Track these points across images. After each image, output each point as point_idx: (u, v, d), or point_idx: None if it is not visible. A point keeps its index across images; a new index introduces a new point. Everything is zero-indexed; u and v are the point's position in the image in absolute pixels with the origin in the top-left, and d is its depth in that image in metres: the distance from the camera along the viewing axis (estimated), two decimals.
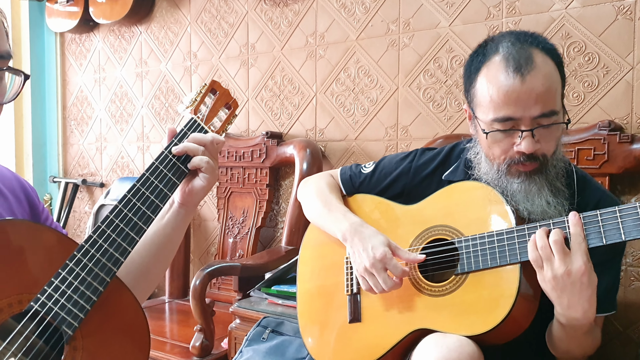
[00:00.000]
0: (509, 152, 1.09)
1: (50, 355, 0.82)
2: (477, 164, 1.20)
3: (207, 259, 2.58)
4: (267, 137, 2.25)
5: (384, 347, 1.15)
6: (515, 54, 1.06)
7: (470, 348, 0.99)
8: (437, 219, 1.19)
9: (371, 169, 1.38)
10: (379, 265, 1.13)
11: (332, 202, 1.33)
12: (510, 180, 1.11)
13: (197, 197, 1.02)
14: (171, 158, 0.98)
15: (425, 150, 1.36)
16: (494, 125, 1.08)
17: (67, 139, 3.21)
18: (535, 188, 1.09)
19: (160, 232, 1.02)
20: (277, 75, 2.31)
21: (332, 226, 1.28)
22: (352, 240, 1.21)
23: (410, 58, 1.96)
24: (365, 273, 1.16)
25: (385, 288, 1.13)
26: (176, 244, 1.06)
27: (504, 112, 1.06)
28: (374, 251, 1.14)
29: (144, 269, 1.01)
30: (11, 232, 0.82)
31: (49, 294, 0.81)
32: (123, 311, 0.87)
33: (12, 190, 0.97)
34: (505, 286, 1.04)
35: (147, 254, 1.01)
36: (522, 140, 1.06)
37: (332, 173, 1.45)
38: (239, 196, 2.39)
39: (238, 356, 1.60)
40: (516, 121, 1.06)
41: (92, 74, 3.05)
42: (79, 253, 0.84)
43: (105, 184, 3.00)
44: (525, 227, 1.04)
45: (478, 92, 1.11)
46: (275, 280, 1.84)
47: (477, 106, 1.12)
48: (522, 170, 1.09)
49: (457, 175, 1.25)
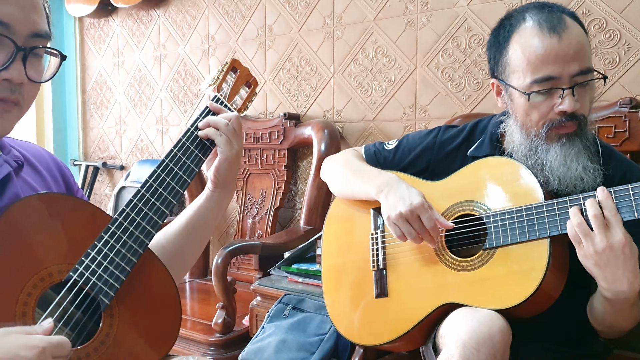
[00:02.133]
0: (549, 114, 1.10)
1: (87, 325, 0.86)
2: (510, 136, 1.20)
3: (226, 239, 2.62)
4: (284, 118, 2.27)
5: (412, 321, 1.17)
6: (546, 17, 1.08)
7: (500, 322, 1.00)
8: (464, 194, 1.20)
9: (395, 145, 1.39)
10: (415, 212, 1.15)
11: (363, 167, 1.34)
12: (548, 147, 1.12)
13: (223, 175, 1.04)
14: (196, 134, 1.01)
15: (448, 127, 1.37)
16: (533, 87, 1.09)
17: (87, 122, 3.26)
18: (574, 151, 1.10)
19: (195, 214, 1.05)
20: (294, 57, 2.32)
21: (364, 186, 1.28)
22: (387, 191, 1.21)
23: (428, 37, 1.96)
24: (399, 219, 1.16)
25: (420, 232, 1.15)
26: (212, 226, 1.08)
27: (543, 71, 1.07)
28: (412, 199, 1.15)
29: (179, 250, 1.04)
30: (51, 205, 0.85)
31: (86, 264, 0.84)
32: (155, 282, 0.90)
33: (48, 168, 1.00)
34: (535, 260, 1.05)
35: (184, 235, 1.04)
36: (564, 98, 1.07)
37: (357, 149, 1.46)
38: (257, 177, 2.41)
39: (260, 332, 1.63)
40: (555, 80, 1.07)
41: (111, 58, 3.08)
42: (113, 226, 0.87)
43: (125, 167, 3.05)
44: (555, 202, 1.05)
45: (512, 59, 1.12)
46: (295, 259, 1.87)
47: (511, 74, 1.13)
48: (563, 132, 1.10)
49: (483, 150, 1.25)
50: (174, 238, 1.02)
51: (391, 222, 1.19)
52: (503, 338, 0.99)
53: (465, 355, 0.97)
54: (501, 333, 1.00)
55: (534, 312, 1.09)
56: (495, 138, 1.26)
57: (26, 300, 0.79)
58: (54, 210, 0.86)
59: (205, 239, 1.09)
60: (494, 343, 0.98)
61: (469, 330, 1.00)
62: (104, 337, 0.83)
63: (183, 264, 1.06)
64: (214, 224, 1.08)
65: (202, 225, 1.05)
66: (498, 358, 0.98)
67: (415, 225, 1.15)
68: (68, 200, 0.89)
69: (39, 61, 0.84)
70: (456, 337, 1.00)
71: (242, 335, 1.84)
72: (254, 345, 1.58)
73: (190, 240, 1.05)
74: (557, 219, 1.04)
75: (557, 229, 1.04)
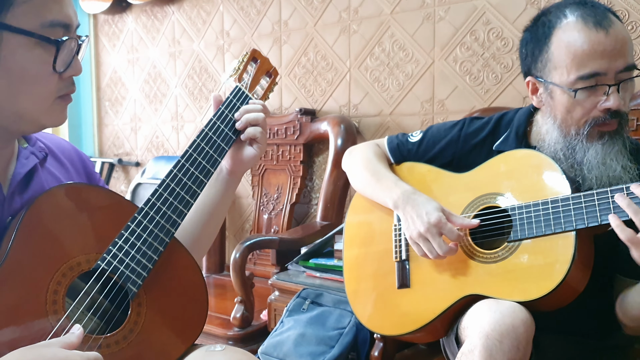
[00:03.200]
0: (592, 112, 1.08)
1: (115, 314, 0.86)
2: (542, 133, 1.19)
3: (242, 235, 2.62)
4: (300, 113, 2.27)
5: (434, 312, 1.16)
6: (590, 12, 1.07)
7: (523, 314, 0.99)
8: (489, 186, 1.19)
9: (419, 138, 1.38)
10: (434, 230, 1.14)
11: (381, 171, 1.33)
12: (588, 145, 1.10)
13: (247, 165, 1.06)
14: (219, 125, 1.01)
15: (473, 119, 1.35)
16: (577, 84, 1.07)
17: (102, 119, 3.27)
18: (615, 150, 1.08)
19: (209, 200, 1.06)
20: (310, 52, 2.32)
21: (382, 195, 1.29)
22: (404, 207, 1.21)
23: (446, 31, 1.95)
24: (419, 239, 1.17)
25: (441, 253, 1.14)
26: (224, 211, 1.10)
27: (589, 67, 1.06)
28: (429, 216, 1.15)
29: (195, 235, 1.04)
30: (78, 195, 0.86)
31: (114, 253, 0.84)
32: (182, 270, 0.90)
33: (71, 160, 1.01)
34: (560, 253, 1.04)
35: (198, 221, 1.05)
36: (609, 95, 1.05)
37: (378, 142, 1.44)
38: (273, 173, 2.41)
39: (279, 326, 1.63)
40: (601, 77, 1.06)
41: (126, 55, 3.09)
42: (139, 215, 0.88)
43: (140, 163, 3.06)
44: (582, 195, 1.04)
45: (554, 55, 1.10)
46: (312, 254, 1.87)
47: (552, 70, 1.11)
48: (605, 130, 1.09)
49: (509, 145, 1.24)
50: (189, 226, 1.03)
51: (412, 241, 1.20)
52: (526, 330, 0.98)
53: (488, 347, 0.96)
54: (524, 325, 0.99)
55: (558, 305, 1.08)
56: (522, 133, 1.24)
57: (56, 289, 0.80)
58: (81, 201, 0.86)
59: (219, 223, 1.10)
60: (517, 335, 0.97)
61: (491, 322, 0.99)
62: (133, 325, 0.83)
63: (199, 250, 1.06)
64: (226, 209, 1.10)
65: (217, 210, 1.06)
66: (521, 350, 0.97)
67: (435, 242, 1.14)
68: (95, 190, 0.89)
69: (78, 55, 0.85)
70: (479, 329, 1.00)
71: (260, 329, 1.84)
72: (273, 339, 1.57)
73: (205, 226, 1.06)
74: (583, 212, 1.03)
75: (583, 222, 1.03)
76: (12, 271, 0.77)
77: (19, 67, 0.77)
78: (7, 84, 0.78)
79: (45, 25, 0.78)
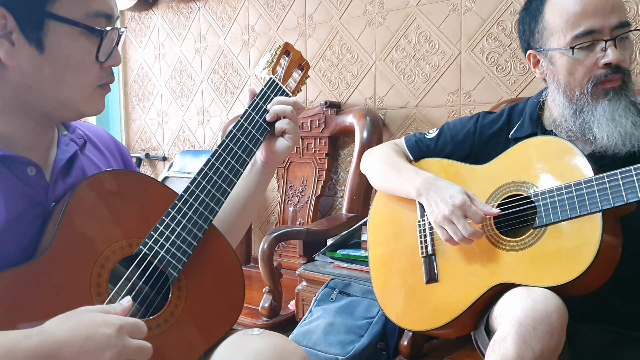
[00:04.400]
0: (593, 70, 1.11)
1: (155, 299, 0.89)
2: (551, 105, 1.21)
3: (267, 228, 2.65)
4: (325, 106, 2.28)
5: (464, 304, 1.16)
6: None
7: (556, 301, 0.99)
8: (511, 175, 1.19)
9: (436, 134, 1.39)
10: (459, 212, 1.15)
11: (401, 164, 1.34)
12: (595, 104, 1.12)
13: (280, 157, 1.08)
14: (254, 116, 1.03)
15: (486, 113, 1.38)
16: (574, 43, 1.11)
17: (129, 115, 3.33)
18: (622, 106, 1.10)
19: (244, 190, 1.08)
20: (335, 45, 2.33)
21: (404, 185, 1.29)
22: (427, 193, 1.22)
23: (472, 22, 1.94)
24: (444, 222, 1.17)
25: (466, 234, 1.14)
26: (258, 201, 1.12)
27: (583, 25, 1.09)
28: (453, 199, 1.16)
29: (229, 224, 1.07)
30: (120, 181, 0.88)
31: (155, 238, 0.87)
32: (219, 256, 0.92)
33: (108, 147, 1.04)
34: (587, 234, 1.03)
35: (233, 210, 1.08)
36: (607, 51, 1.08)
37: (396, 142, 1.46)
38: (298, 166, 2.43)
39: (308, 315, 1.65)
40: (596, 34, 1.09)
41: (152, 51, 3.14)
42: (179, 202, 0.90)
43: (167, 158, 3.11)
44: (605, 175, 1.03)
45: (549, 22, 1.14)
46: (339, 245, 1.89)
47: (549, 37, 1.15)
48: (609, 87, 1.11)
49: (524, 130, 1.25)
50: (224, 216, 1.05)
51: (437, 225, 1.20)
52: (560, 316, 0.98)
53: (521, 334, 0.96)
54: (557, 311, 0.98)
55: (589, 290, 1.07)
56: (536, 117, 1.26)
57: (100, 272, 0.82)
58: (122, 186, 0.89)
59: (253, 212, 1.13)
60: (550, 321, 0.97)
61: (524, 309, 0.99)
62: (174, 308, 0.86)
63: (233, 238, 1.09)
64: (260, 199, 1.13)
65: (251, 200, 1.09)
66: (555, 336, 0.97)
67: (461, 224, 1.15)
68: (135, 176, 0.92)
69: (117, 45, 0.88)
70: (512, 316, 0.99)
71: (288, 319, 1.86)
72: (303, 328, 1.59)
73: (240, 215, 1.09)
74: (608, 192, 1.02)
75: (608, 202, 1.02)
76: (59, 254, 0.80)
77: (64, 56, 0.80)
78: (52, 72, 0.80)
79: (90, 15, 0.80)
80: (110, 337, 0.69)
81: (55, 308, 0.77)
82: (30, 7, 0.77)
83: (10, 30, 0.78)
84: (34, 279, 0.77)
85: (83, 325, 0.70)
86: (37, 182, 0.84)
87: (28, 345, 0.66)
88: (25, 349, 0.65)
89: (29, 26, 0.78)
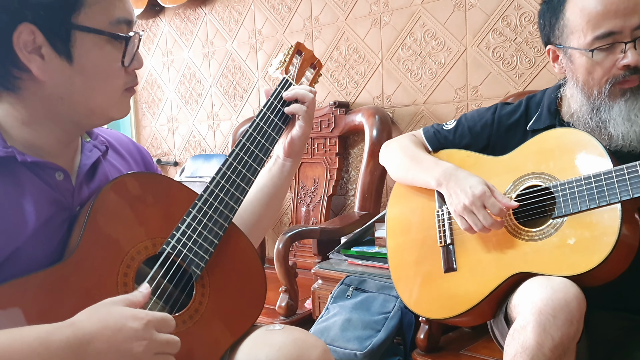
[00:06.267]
0: (612, 70, 1.11)
1: (180, 298, 0.91)
2: (569, 100, 1.22)
3: (280, 228, 2.67)
4: (334, 106, 2.30)
5: (483, 293, 1.18)
6: None
7: (574, 289, 1.00)
8: (530, 166, 1.21)
9: (454, 125, 1.41)
10: (479, 202, 1.16)
11: (420, 155, 1.36)
12: (611, 104, 1.13)
13: (297, 147, 1.10)
14: (269, 115, 1.06)
15: (504, 104, 1.38)
16: (594, 45, 1.11)
17: (140, 121, 3.37)
18: (638, 105, 1.11)
19: (269, 183, 1.11)
20: (341, 46, 2.35)
21: (423, 176, 1.31)
22: (447, 183, 1.24)
23: (477, 18, 1.96)
24: (464, 211, 1.19)
25: (486, 224, 1.16)
26: (284, 193, 1.15)
27: (604, 27, 1.09)
28: (473, 189, 1.17)
29: (255, 217, 1.10)
30: (142, 183, 0.91)
31: (177, 238, 0.89)
32: (240, 253, 0.95)
33: (130, 153, 1.07)
34: (606, 225, 1.05)
35: (259, 203, 1.10)
36: (626, 52, 1.09)
37: (414, 133, 1.48)
38: (309, 166, 2.46)
39: (325, 312, 1.67)
40: (617, 35, 1.09)
41: (161, 57, 3.17)
42: (199, 202, 0.93)
43: (178, 163, 3.14)
44: (624, 167, 1.05)
45: (570, 20, 1.14)
46: (353, 243, 1.91)
47: (569, 35, 1.15)
48: (626, 87, 1.12)
49: (542, 122, 1.26)
50: (251, 208, 1.08)
51: (457, 215, 1.22)
52: (579, 304, 0.99)
53: (541, 322, 0.97)
54: (577, 299, 0.99)
55: (607, 279, 1.09)
56: (554, 108, 1.27)
57: (126, 272, 0.85)
58: (144, 188, 0.92)
59: (279, 206, 1.16)
60: (570, 309, 0.98)
61: (544, 298, 1.00)
62: (198, 305, 0.88)
63: (259, 232, 1.12)
64: (286, 192, 1.15)
65: (276, 193, 1.12)
66: (574, 324, 0.98)
67: (480, 214, 1.17)
68: (156, 178, 0.95)
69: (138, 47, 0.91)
70: (531, 305, 1.01)
71: (304, 317, 1.88)
72: (320, 325, 1.62)
73: (266, 209, 1.11)
74: (627, 183, 1.04)
75: (628, 193, 1.04)
76: (86, 256, 0.83)
77: (93, 65, 0.83)
78: (82, 82, 0.83)
79: (113, 23, 0.83)
80: (138, 331, 0.72)
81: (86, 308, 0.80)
82: (57, 20, 0.80)
83: (39, 45, 0.80)
84: (63, 281, 0.80)
85: (112, 317, 0.72)
86: (65, 187, 0.87)
87: (60, 337, 0.69)
88: (57, 340, 0.68)
89: (57, 39, 0.80)
